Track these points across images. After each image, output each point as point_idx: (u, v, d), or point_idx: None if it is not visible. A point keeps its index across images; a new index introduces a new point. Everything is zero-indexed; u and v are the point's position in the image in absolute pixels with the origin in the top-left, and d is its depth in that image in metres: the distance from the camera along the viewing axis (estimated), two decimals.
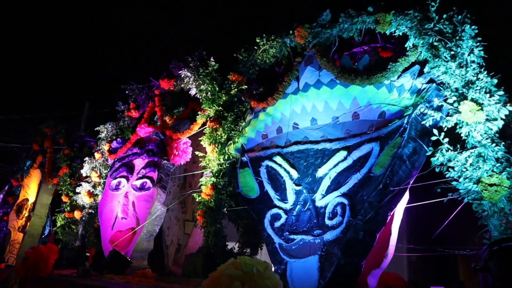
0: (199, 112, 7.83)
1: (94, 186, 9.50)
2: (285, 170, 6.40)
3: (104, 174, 9.48)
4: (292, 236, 5.80)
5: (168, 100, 9.17)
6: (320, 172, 6.00)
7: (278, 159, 6.55)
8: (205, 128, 7.69)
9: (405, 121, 5.36)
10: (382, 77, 5.71)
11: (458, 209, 5.60)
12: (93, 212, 9.35)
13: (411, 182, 5.30)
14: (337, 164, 5.88)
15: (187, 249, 8.68)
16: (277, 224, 6.05)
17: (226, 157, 7.22)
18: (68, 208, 9.82)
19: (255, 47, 7.49)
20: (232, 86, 7.46)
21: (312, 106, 6.46)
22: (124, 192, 8.42)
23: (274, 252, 5.85)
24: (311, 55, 6.63)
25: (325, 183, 5.88)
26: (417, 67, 5.60)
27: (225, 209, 7.09)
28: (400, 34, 5.77)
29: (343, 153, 5.88)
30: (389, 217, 5.31)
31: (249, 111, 7.27)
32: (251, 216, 7.66)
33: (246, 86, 7.48)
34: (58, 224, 9.81)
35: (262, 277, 3.54)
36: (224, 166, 7.17)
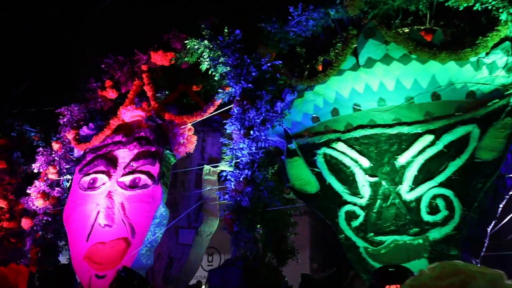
0: (220, 90, 6.33)
1: (50, 185, 7.17)
2: (351, 158, 5.32)
3: (65, 170, 7.24)
4: (379, 238, 4.72)
5: (160, 79, 7.39)
6: (401, 160, 5.07)
7: (339, 146, 5.44)
8: (226, 109, 6.26)
9: (511, 100, 4.74)
10: (471, 52, 5.01)
11: None
12: (49, 219, 7.02)
13: None
14: (423, 151, 5.01)
15: (188, 262, 6.96)
16: (355, 223, 4.92)
17: (260, 144, 5.87)
18: (7, 215, 7.28)
19: (289, 17, 6.35)
20: (261, 60, 6.17)
21: (380, 85, 5.51)
22: (105, 191, 6.42)
23: (359, 259, 4.70)
24: (372, 27, 5.71)
25: (411, 173, 4.96)
26: (507, 43, 5.04)
27: (266, 209, 5.67)
28: (479, 9, 5.21)
29: (428, 138, 5.03)
30: (499, 209, 4.58)
31: (288, 90, 6.04)
32: (279, 219, 6.38)
33: (281, 62, 6.24)
34: None
35: None
36: (259, 156, 5.81)
